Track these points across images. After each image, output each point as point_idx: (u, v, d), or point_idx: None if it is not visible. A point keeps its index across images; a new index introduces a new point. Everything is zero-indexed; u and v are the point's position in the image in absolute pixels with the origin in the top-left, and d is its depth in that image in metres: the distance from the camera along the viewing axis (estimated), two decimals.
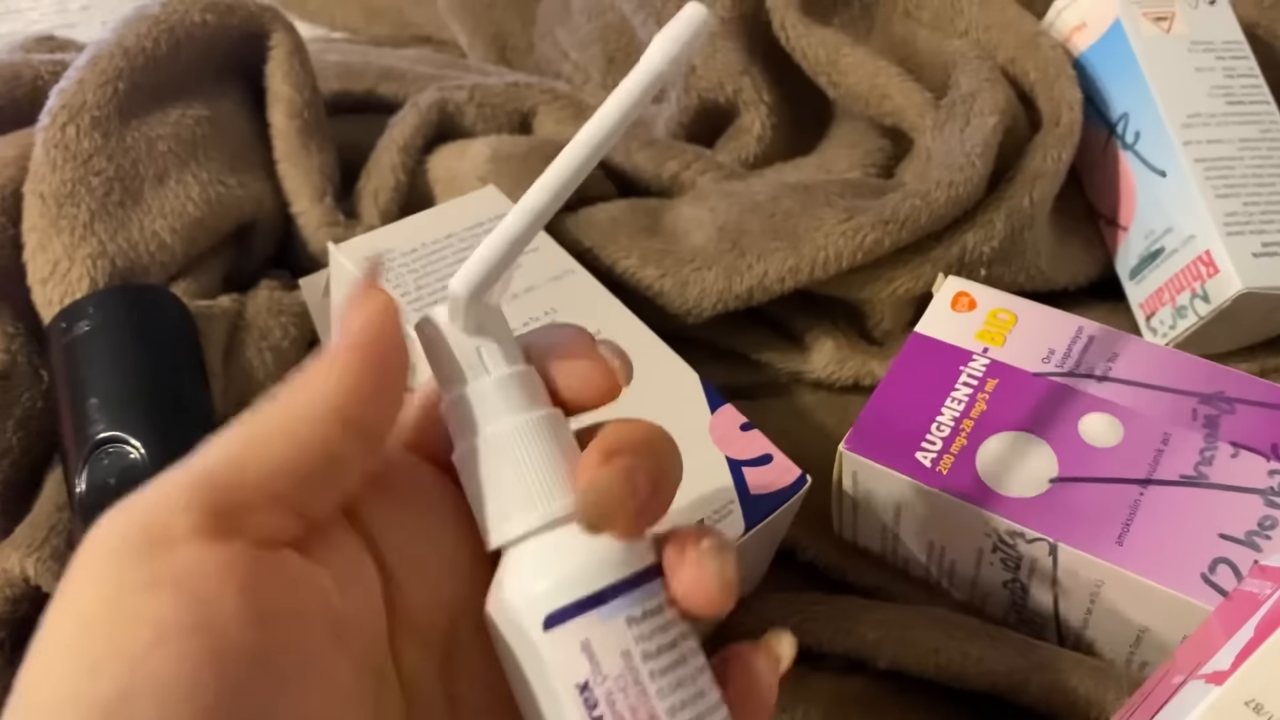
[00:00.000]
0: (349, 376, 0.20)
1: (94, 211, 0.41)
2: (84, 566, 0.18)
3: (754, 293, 0.41)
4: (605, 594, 0.21)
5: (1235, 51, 0.44)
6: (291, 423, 0.20)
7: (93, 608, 0.17)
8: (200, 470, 0.19)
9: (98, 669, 0.17)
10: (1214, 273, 0.40)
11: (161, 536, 0.18)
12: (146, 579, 0.17)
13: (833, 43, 0.45)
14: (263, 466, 0.19)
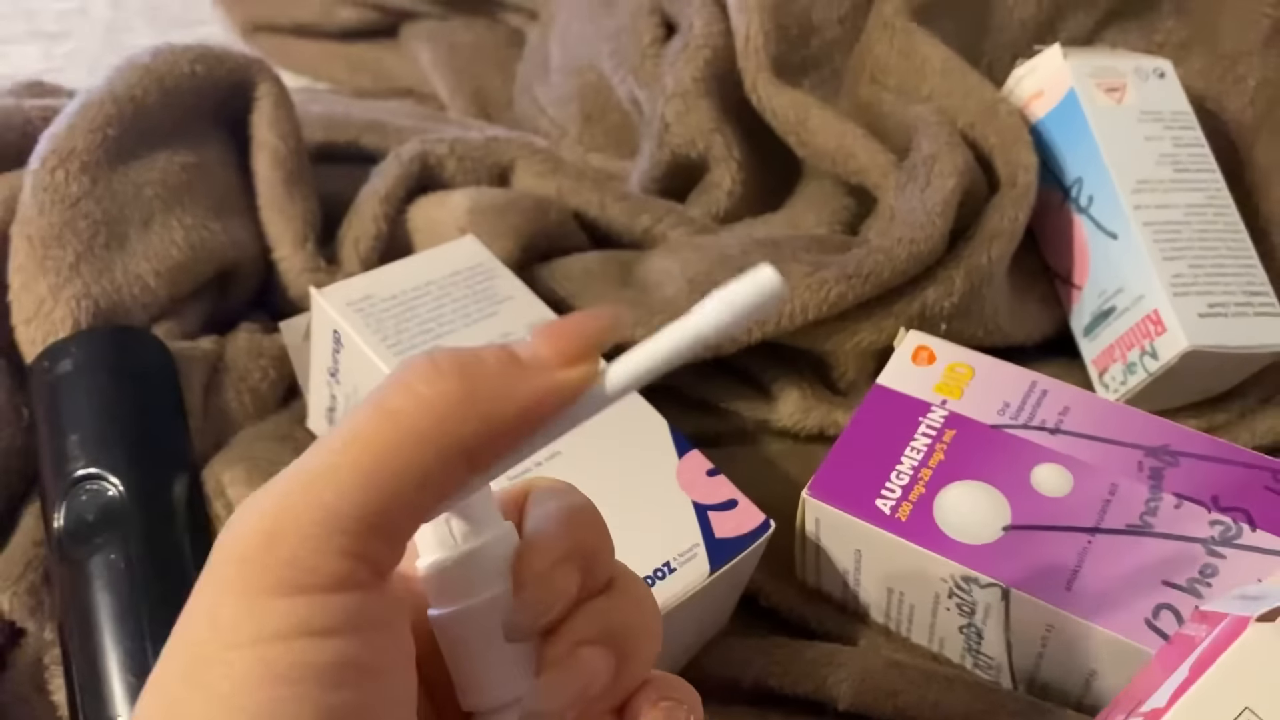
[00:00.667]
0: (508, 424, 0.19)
1: (80, 254, 0.41)
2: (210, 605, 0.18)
3: (723, 343, 0.42)
4: None
5: (1183, 122, 0.46)
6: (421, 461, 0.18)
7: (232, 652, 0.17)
8: (334, 504, 0.18)
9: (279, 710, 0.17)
10: (1162, 331, 0.42)
11: (304, 582, 0.18)
12: (289, 625, 0.17)
13: (802, 104, 0.47)
14: (397, 510, 0.18)
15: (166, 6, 0.81)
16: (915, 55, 0.47)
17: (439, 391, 0.19)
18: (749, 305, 0.19)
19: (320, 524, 0.18)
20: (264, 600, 0.17)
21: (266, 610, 0.17)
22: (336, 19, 0.73)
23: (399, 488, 0.18)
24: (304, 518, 0.18)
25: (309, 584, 0.17)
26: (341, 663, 0.17)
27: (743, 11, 0.48)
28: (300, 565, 0.17)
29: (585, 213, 0.47)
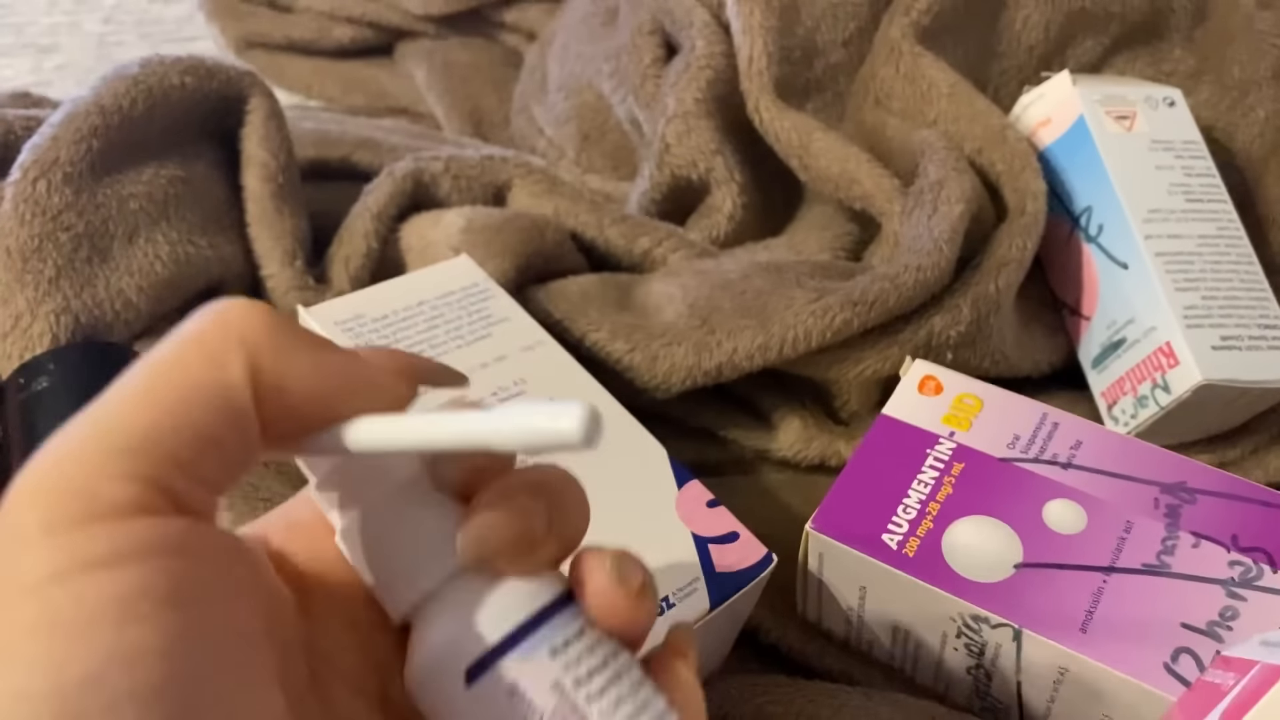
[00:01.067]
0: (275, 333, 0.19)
1: (60, 267, 0.40)
2: (23, 536, 0.16)
3: (723, 369, 0.41)
4: (519, 632, 0.20)
5: (1193, 151, 0.46)
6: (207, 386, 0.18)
7: (40, 593, 0.16)
8: (120, 432, 0.17)
9: (56, 659, 0.15)
10: (1174, 364, 0.41)
11: (104, 510, 0.16)
12: (104, 553, 0.16)
13: (805, 127, 0.46)
14: (186, 435, 0.17)
15: (160, 22, 0.80)
16: (921, 79, 0.46)
17: (245, 317, 0.19)
18: (542, 438, 0.18)
19: (101, 449, 0.17)
20: (45, 538, 0.16)
21: (49, 548, 0.16)
22: (331, 37, 0.72)
23: (187, 408, 0.17)
24: (87, 445, 0.17)
25: (91, 512, 0.16)
26: (130, 595, 0.16)
27: (745, 33, 0.47)
28: (82, 493, 0.16)
29: (583, 234, 0.46)
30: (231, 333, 0.18)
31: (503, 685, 0.20)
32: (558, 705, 0.20)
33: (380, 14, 0.71)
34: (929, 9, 0.47)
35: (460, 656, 0.20)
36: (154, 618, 0.16)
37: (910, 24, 0.46)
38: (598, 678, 0.21)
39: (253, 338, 0.19)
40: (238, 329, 0.19)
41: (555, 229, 0.45)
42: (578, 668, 0.20)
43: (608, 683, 0.21)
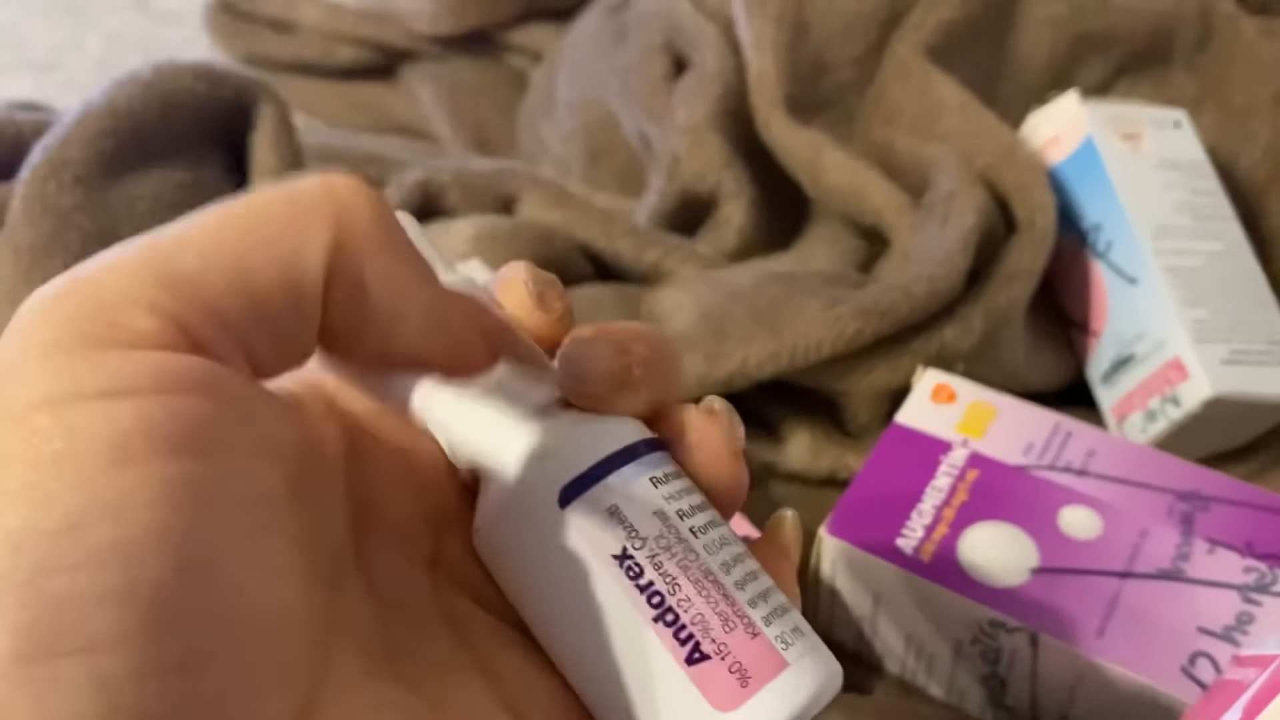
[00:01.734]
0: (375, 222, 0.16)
1: (68, 266, 0.40)
2: (15, 361, 0.14)
3: (734, 378, 0.40)
4: (619, 457, 0.19)
5: (1199, 171, 0.46)
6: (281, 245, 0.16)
7: (33, 414, 0.14)
8: (164, 264, 0.15)
9: (41, 491, 0.13)
10: (1184, 378, 0.41)
11: (122, 336, 0.14)
12: (104, 384, 0.14)
13: (815, 143, 0.47)
14: (236, 290, 0.15)
15: (163, 43, 0.81)
16: (931, 96, 0.47)
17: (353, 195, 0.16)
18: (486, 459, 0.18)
19: (134, 275, 0.15)
20: (44, 359, 0.14)
21: (47, 370, 0.14)
22: (335, 58, 0.73)
23: (246, 262, 0.15)
24: (121, 268, 0.15)
25: (102, 338, 0.14)
26: (126, 433, 0.14)
27: (756, 49, 0.48)
28: (96, 316, 0.14)
29: (591, 245, 0.46)
30: (327, 205, 0.16)
31: (602, 505, 0.18)
32: (663, 532, 0.18)
33: (385, 35, 0.72)
34: (938, 27, 0.47)
35: (553, 479, 0.18)
36: (149, 461, 0.14)
37: (920, 42, 0.47)
38: (701, 515, 0.19)
39: (350, 220, 0.16)
40: (337, 204, 0.16)
41: (564, 239, 0.45)
42: (681, 501, 0.19)
43: (711, 522, 0.19)
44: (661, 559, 0.18)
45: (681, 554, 0.18)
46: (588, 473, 0.18)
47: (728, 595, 0.18)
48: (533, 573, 0.19)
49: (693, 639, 0.18)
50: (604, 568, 0.18)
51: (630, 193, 0.54)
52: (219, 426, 0.15)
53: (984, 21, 0.48)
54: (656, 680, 0.18)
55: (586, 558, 0.18)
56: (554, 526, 0.18)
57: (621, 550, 0.18)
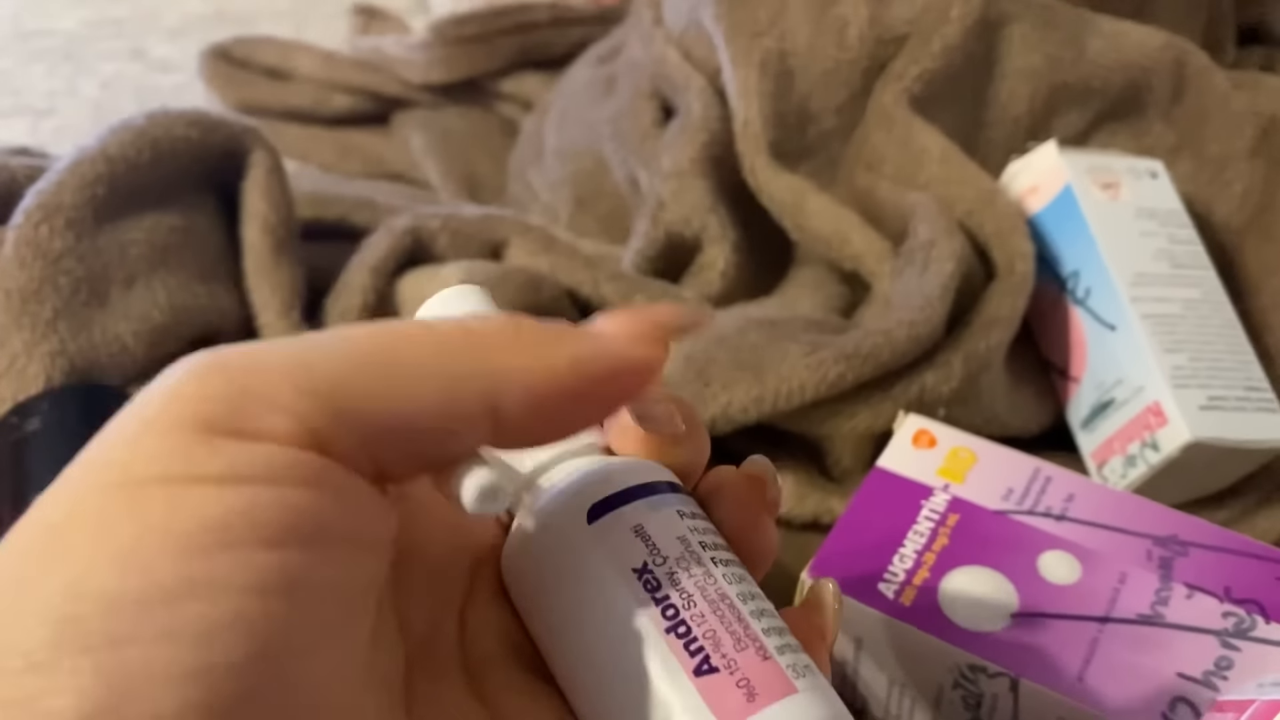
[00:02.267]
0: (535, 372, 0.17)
1: (58, 310, 0.40)
2: (140, 434, 0.15)
3: (717, 422, 0.41)
4: (649, 488, 0.20)
5: (1177, 220, 0.47)
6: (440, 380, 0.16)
7: (147, 489, 0.14)
8: (317, 375, 0.15)
9: (140, 560, 0.14)
10: (1163, 423, 0.41)
11: (251, 430, 0.15)
12: (221, 470, 0.14)
13: (799, 189, 0.47)
14: (385, 415, 0.16)
15: (157, 90, 0.82)
16: (913, 144, 0.47)
17: (484, 323, 0.17)
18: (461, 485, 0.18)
19: (281, 374, 0.15)
20: (169, 435, 0.15)
21: (171, 446, 0.14)
22: (329, 105, 0.74)
23: (396, 380, 0.16)
24: (268, 367, 0.15)
25: (233, 427, 0.15)
26: (226, 521, 0.14)
27: (741, 98, 0.49)
28: (236, 407, 0.15)
29: (578, 290, 0.47)
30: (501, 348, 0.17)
31: (627, 524, 0.19)
32: (683, 554, 0.19)
33: (378, 83, 0.73)
34: (920, 76, 0.48)
35: (586, 497, 0.19)
36: (249, 548, 0.14)
37: (902, 90, 0.48)
38: (722, 551, 0.20)
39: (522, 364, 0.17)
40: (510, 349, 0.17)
41: (551, 284, 0.46)
42: (703, 535, 0.20)
43: (731, 560, 0.20)
44: (680, 576, 0.19)
45: (700, 576, 0.19)
46: (618, 494, 0.19)
47: (742, 619, 0.19)
48: (554, 588, 0.19)
49: (703, 651, 0.18)
50: (623, 580, 0.19)
51: (616, 239, 0.55)
52: (323, 522, 0.15)
53: (964, 72, 0.49)
54: (665, 691, 0.18)
55: (607, 570, 0.19)
56: (580, 541, 0.19)
57: (642, 565, 0.19)
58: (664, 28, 0.54)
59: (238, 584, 0.14)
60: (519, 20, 0.69)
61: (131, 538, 0.14)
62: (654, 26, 0.54)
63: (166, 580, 0.14)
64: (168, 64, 0.84)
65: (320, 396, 0.15)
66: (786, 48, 0.49)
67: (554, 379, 0.17)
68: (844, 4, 0.49)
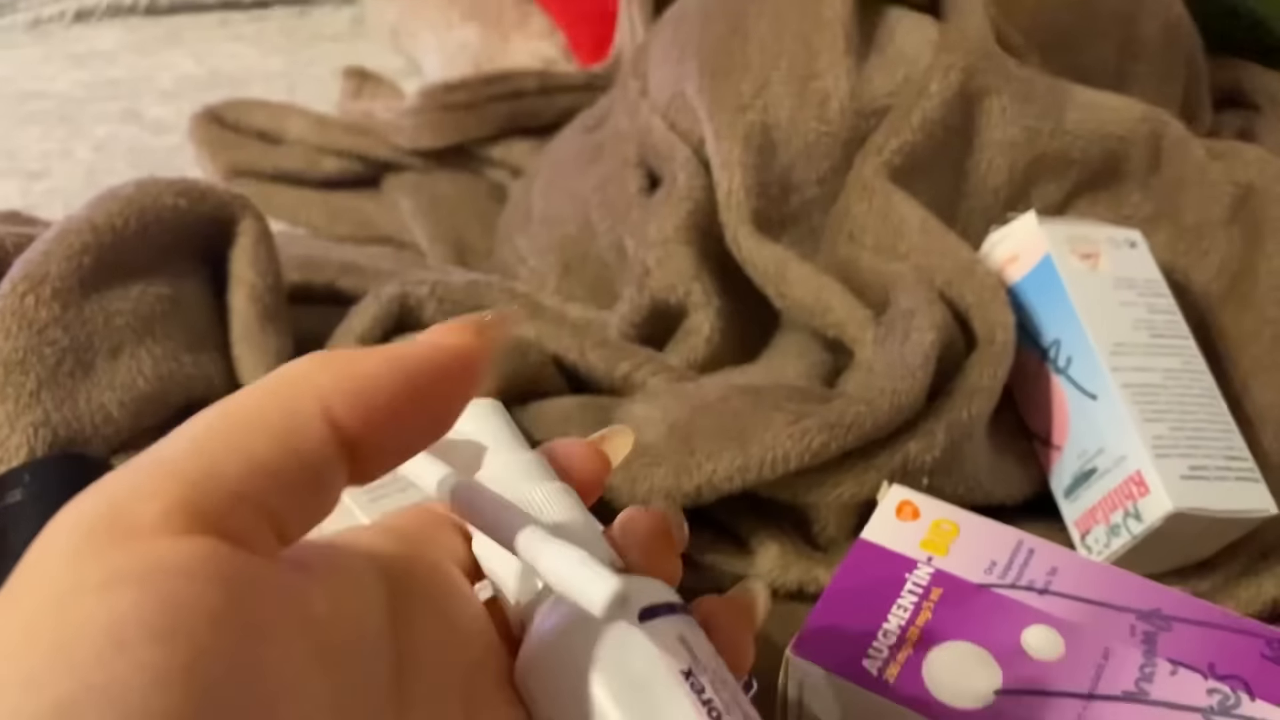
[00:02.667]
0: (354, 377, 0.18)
1: (42, 380, 0.40)
2: (33, 565, 0.15)
3: (703, 491, 0.41)
4: (681, 606, 0.22)
5: (1155, 290, 0.47)
6: (273, 417, 0.17)
7: (38, 611, 0.15)
8: (170, 459, 0.17)
9: (36, 680, 0.14)
10: (1145, 493, 0.41)
11: (125, 528, 0.15)
12: (104, 575, 0.15)
13: (781, 258, 0.48)
14: (240, 464, 0.17)
15: (150, 151, 0.82)
16: (893, 215, 0.48)
17: (301, 361, 0.19)
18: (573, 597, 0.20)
19: (142, 469, 0.16)
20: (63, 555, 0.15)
21: (62, 565, 0.15)
22: (320, 168, 0.74)
23: (237, 432, 0.17)
24: (131, 468, 0.17)
25: (113, 531, 0.16)
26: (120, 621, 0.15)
27: (725, 168, 0.49)
28: (109, 513, 0.16)
29: (564, 357, 0.47)
30: (307, 377, 0.18)
31: (673, 632, 0.21)
32: (716, 668, 0.22)
33: (369, 147, 0.73)
34: (900, 149, 0.49)
35: (634, 602, 0.21)
36: (143, 647, 0.14)
37: (882, 163, 0.49)
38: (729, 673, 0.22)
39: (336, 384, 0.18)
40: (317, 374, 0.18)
41: (537, 351, 0.46)
42: (718, 658, 0.23)
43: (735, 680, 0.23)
44: (717, 686, 0.21)
45: (730, 691, 0.22)
46: (664, 604, 0.22)
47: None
48: (602, 680, 0.21)
49: None
50: (675, 678, 0.21)
51: (603, 305, 0.55)
52: (219, 608, 0.15)
53: (944, 144, 0.50)
54: None
55: (661, 667, 0.21)
56: (634, 638, 0.21)
57: (688, 669, 0.21)
58: (649, 99, 0.55)
59: (137, 684, 0.14)
60: (508, 88, 0.70)
61: (26, 658, 0.14)
62: (640, 97, 0.55)
63: (64, 693, 0.14)
64: (161, 126, 0.85)
65: (178, 476, 0.16)
66: (769, 120, 0.50)
67: (374, 377, 0.19)
68: (825, 78, 0.50)
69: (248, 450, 0.17)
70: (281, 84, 0.90)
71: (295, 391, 0.18)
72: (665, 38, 0.56)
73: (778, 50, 0.51)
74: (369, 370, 0.19)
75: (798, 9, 0.51)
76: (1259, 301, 0.50)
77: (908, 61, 0.51)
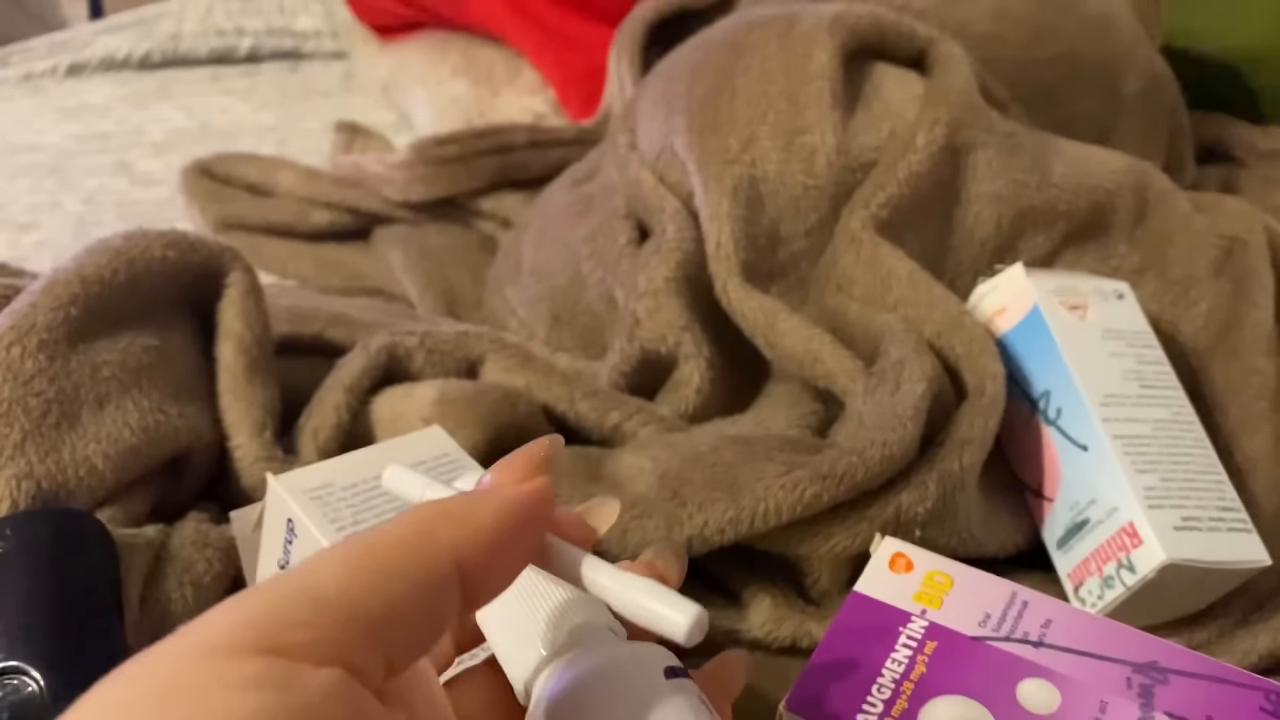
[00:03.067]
0: (478, 531, 0.21)
1: (27, 432, 0.40)
2: (159, 656, 0.18)
3: (694, 543, 0.41)
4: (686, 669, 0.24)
5: (1144, 340, 0.48)
6: (413, 569, 0.20)
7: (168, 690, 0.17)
8: (318, 592, 0.19)
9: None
10: (1138, 544, 0.41)
11: (270, 646, 0.18)
12: (247, 678, 0.17)
13: (770, 309, 0.48)
14: (382, 611, 0.19)
15: (139, 204, 0.82)
16: (881, 267, 0.48)
17: (430, 513, 0.22)
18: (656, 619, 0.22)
19: (295, 602, 0.19)
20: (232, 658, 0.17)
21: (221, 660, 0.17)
22: (309, 221, 0.74)
23: (389, 588, 0.20)
24: (287, 596, 0.19)
25: (277, 648, 0.18)
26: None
27: (713, 221, 0.50)
28: (271, 633, 0.18)
29: (554, 408, 0.47)
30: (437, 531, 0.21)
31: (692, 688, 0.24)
32: None
33: (359, 200, 0.74)
34: (887, 203, 0.49)
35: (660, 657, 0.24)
36: None
37: (869, 216, 0.49)
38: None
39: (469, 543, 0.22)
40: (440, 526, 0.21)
41: (527, 402, 0.46)
42: None
43: None
44: None
45: None
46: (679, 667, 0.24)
47: None
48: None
49: None
50: None
51: (593, 356, 0.55)
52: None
53: (931, 197, 0.51)
54: None
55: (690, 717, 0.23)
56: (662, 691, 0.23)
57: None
58: (639, 152, 0.55)
59: None
60: (498, 141, 0.71)
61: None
62: (629, 151, 0.56)
63: None
64: (151, 179, 0.85)
65: (327, 611, 0.19)
66: (757, 173, 0.50)
67: (493, 530, 0.22)
68: (812, 132, 0.50)
69: (390, 599, 0.20)
70: (272, 138, 0.91)
71: (433, 548, 0.21)
72: (654, 93, 0.57)
73: (765, 106, 0.51)
74: (488, 524, 0.22)
75: (784, 66, 0.52)
76: (1247, 352, 0.50)
77: (893, 116, 0.52)
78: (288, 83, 1.00)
